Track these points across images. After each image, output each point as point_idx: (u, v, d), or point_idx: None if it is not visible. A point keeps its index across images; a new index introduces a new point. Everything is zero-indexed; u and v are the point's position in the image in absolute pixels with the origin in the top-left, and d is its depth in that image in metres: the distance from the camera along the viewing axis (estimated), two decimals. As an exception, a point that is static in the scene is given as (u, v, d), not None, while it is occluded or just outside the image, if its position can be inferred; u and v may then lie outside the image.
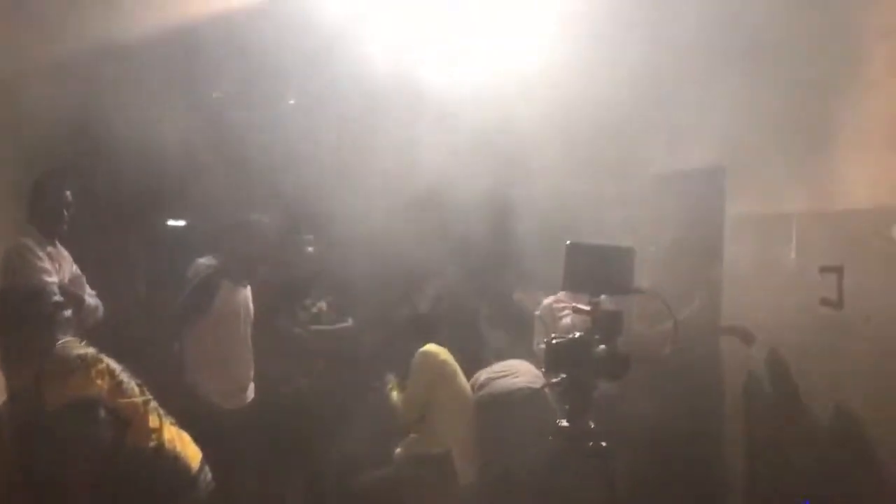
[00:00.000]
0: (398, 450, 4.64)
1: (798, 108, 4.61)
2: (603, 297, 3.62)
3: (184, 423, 3.28)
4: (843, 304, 4.38)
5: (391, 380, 4.70)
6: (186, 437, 3.27)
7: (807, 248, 4.66)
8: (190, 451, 3.24)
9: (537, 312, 4.78)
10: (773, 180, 4.87)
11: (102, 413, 3.01)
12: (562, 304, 4.59)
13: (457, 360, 4.61)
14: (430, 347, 4.58)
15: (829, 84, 4.46)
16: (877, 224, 4.24)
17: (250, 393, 4.81)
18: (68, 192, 4.27)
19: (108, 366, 3.10)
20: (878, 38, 4.18)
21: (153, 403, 3.19)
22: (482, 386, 4.64)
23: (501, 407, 4.50)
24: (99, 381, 3.03)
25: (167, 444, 3.15)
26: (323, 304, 5.21)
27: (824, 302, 4.46)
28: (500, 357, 4.78)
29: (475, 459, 4.53)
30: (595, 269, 3.60)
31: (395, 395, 4.64)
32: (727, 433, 5.00)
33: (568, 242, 3.57)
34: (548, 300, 4.75)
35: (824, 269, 4.49)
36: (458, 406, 4.54)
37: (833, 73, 4.44)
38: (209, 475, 3.26)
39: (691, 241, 5.21)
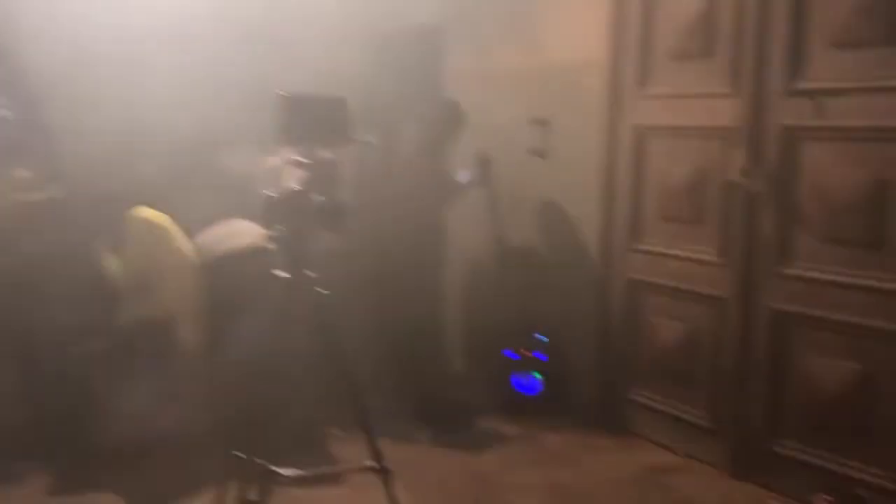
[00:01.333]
0: (120, 317, 4.45)
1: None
2: (320, 149, 3.60)
3: None
4: (547, 153, 4.75)
5: (104, 246, 4.46)
6: None
7: (517, 102, 4.92)
8: None
9: (251, 168, 4.67)
10: (487, 38, 5.07)
11: None
12: (276, 158, 4.51)
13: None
14: (145, 211, 4.39)
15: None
16: (576, 76, 4.56)
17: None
18: None
19: None
20: None
21: None
22: (206, 248, 4.52)
23: (227, 268, 4.43)
24: None
25: None
26: (25, 171, 4.77)
27: (532, 151, 4.79)
28: (216, 219, 4.65)
29: (201, 323, 4.45)
30: (310, 120, 3.56)
31: (111, 261, 4.42)
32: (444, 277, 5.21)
33: (280, 93, 3.48)
34: (260, 155, 4.64)
35: (532, 122, 4.80)
36: (180, 269, 4.41)
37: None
38: None
39: (413, 97, 5.33)
